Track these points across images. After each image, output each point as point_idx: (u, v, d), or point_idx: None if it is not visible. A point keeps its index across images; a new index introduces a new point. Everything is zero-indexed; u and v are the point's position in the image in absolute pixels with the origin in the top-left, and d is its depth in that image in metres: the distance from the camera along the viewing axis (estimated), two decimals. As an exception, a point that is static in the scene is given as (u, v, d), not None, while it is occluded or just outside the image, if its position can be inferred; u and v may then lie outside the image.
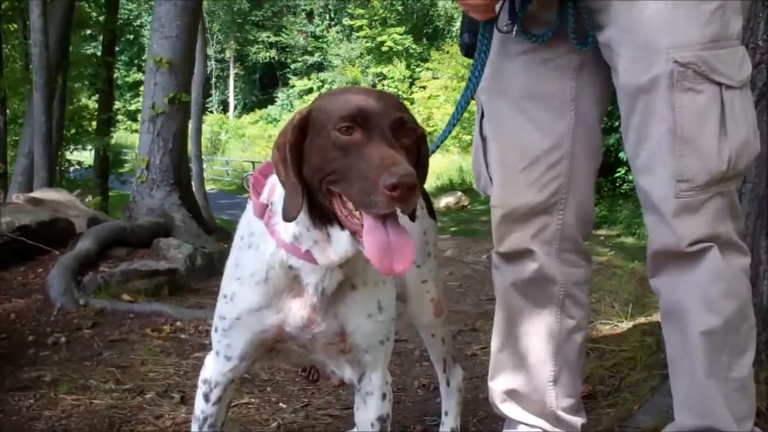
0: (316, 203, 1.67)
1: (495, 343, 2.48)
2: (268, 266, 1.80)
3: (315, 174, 1.63)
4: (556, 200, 2.31)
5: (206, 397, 2.01)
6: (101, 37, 20.14)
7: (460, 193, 21.46)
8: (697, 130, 2.01)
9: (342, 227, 1.64)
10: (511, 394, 2.43)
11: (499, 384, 2.46)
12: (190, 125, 11.63)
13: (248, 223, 1.88)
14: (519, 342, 2.42)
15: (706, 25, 1.99)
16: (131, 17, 39.21)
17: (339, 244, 1.69)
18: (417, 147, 1.69)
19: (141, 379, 3.46)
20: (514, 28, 2.19)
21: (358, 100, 1.63)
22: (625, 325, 3.92)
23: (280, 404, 3.20)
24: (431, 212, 2.43)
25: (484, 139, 2.39)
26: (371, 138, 1.58)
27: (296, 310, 1.83)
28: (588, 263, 2.45)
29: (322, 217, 1.68)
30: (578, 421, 2.45)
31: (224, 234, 8.93)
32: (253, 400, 3.22)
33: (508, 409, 2.46)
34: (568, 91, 2.27)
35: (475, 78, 2.25)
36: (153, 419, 2.99)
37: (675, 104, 2.01)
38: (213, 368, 1.99)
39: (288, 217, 1.66)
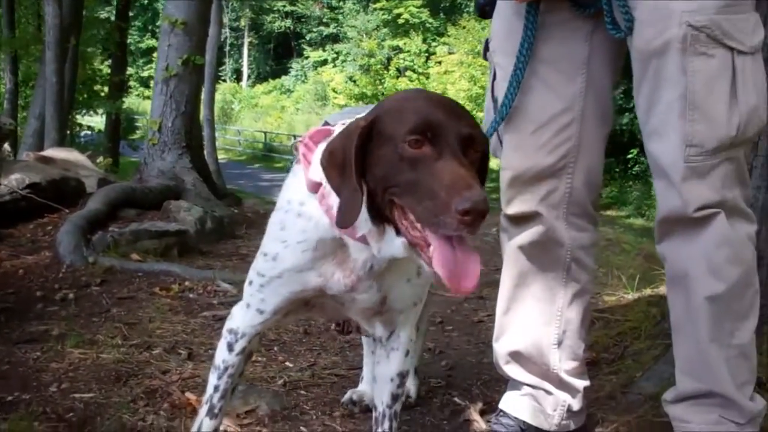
0: (375, 204, 1.64)
1: (500, 305, 2.49)
2: (318, 239, 1.81)
3: (378, 184, 1.60)
4: (565, 164, 2.31)
5: (230, 347, 2.03)
6: (115, 1, 20.12)
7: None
8: (708, 95, 2.00)
9: (398, 233, 1.62)
10: (515, 356, 2.45)
11: (503, 346, 2.48)
12: (203, 89, 11.61)
13: (297, 189, 1.85)
14: (524, 304, 2.43)
15: None
16: (146, -17, 39.12)
17: (391, 245, 1.67)
18: (483, 160, 1.68)
19: (148, 336, 3.49)
20: None
21: (428, 112, 1.58)
22: (631, 296, 3.93)
23: (287, 363, 3.23)
24: None
25: (495, 101, 2.38)
26: (441, 154, 1.54)
27: (339, 277, 1.84)
28: (595, 227, 2.46)
29: (380, 217, 1.66)
30: (581, 383, 2.46)
31: (234, 199, 8.96)
32: (260, 358, 3.25)
33: (512, 370, 2.47)
34: (581, 54, 2.27)
35: (521, 65, 2.24)
36: (160, 374, 3.02)
37: (687, 68, 2.00)
38: (242, 319, 2.01)
39: (344, 224, 1.64)
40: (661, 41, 2.04)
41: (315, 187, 1.78)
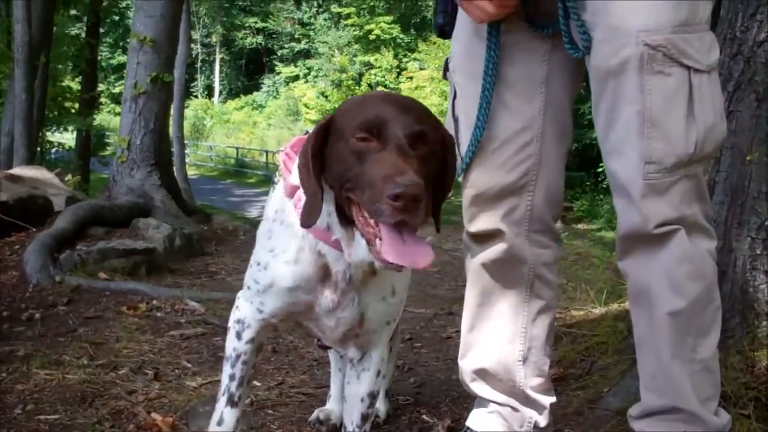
0: (339, 205, 1.69)
1: (465, 322, 2.50)
2: (298, 247, 1.86)
3: (335, 180, 1.66)
4: (526, 181, 2.32)
5: (239, 336, 2.04)
6: (86, 18, 20.00)
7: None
8: (665, 113, 2.03)
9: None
10: (481, 374, 2.45)
11: (469, 363, 2.48)
12: (173, 106, 11.58)
13: (281, 198, 1.91)
14: (488, 321, 2.44)
15: (676, 9, 2.00)
16: (117, -1, 38.90)
17: (359, 248, 1.71)
18: (443, 157, 1.71)
19: (115, 356, 3.46)
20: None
21: (378, 109, 1.64)
22: (599, 311, 3.95)
23: (255, 382, 3.21)
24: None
25: (456, 120, 2.39)
26: (385, 147, 1.58)
27: (327, 293, 1.88)
28: (557, 244, 2.47)
29: (347, 219, 1.70)
30: (547, 399, 2.47)
31: (204, 216, 8.91)
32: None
33: (478, 387, 2.48)
34: (539, 74, 2.29)
35: (488, 85, 2.25)
36: (126, 394, 2.99)
37: (644, 87, 2.03)
38: (247, 311, 2.03)
39: (306, 223, 1.70)
40: (618, 60, 2.06)
41: (292, 192, 1.84)
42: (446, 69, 2.47)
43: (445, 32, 2.47)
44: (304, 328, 2.13)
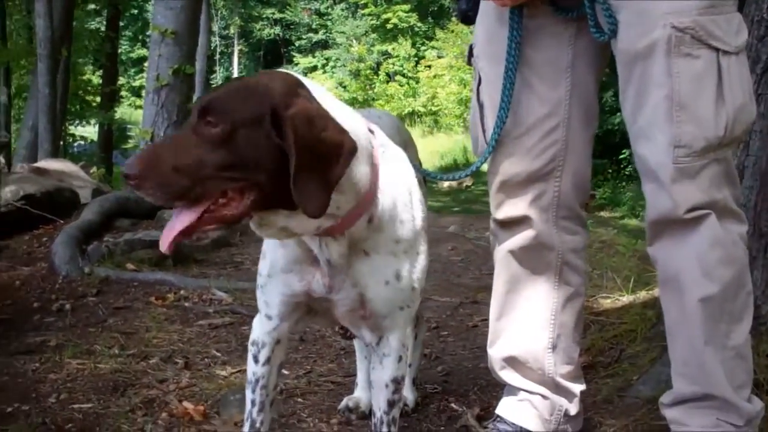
0: None
1: (493, 310, 2.50)
2: None
3: None
4: (553, 167, 2.32)
5: (255, 359, 2.06)
6: (105, 12, 20.11)
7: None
8: (694, 96, 2.02)
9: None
10: (510, 361, 2.46)
11: (498, 351, 2.49)
12: (194, 98, 11.62)
13: None
14: (517, 309, 2.44)
15: None
16: (136, -8, 39.04)
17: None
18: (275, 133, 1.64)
19: (145, 345, 3.50)
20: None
21: None
22: (626, 299, 3.93)
23: (283, 371, 3.21)
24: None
25: (481, 105, 2.39)
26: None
27: (319, 277, 1.89)
28: (585, 230, 2.47)
29: None
30: (577, 387, 2.47)
31: (228, 208, 8.93)
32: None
33: (508, 375, 2.48)
34: (565, 58, 2.28)
35: (511, 66, 2.24)
36: (157, 383, 3.03)
37: (672, 70, 2.02)
38: (258, 329, 2.06)
39: None
40: (646, 43, 2.05)
41: None
42: (470, 55, 2.46)
43: (469, 18, 2.46)
44: (321, 319, 2.15)
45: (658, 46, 2.03)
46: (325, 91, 1.79)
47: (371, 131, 1.86)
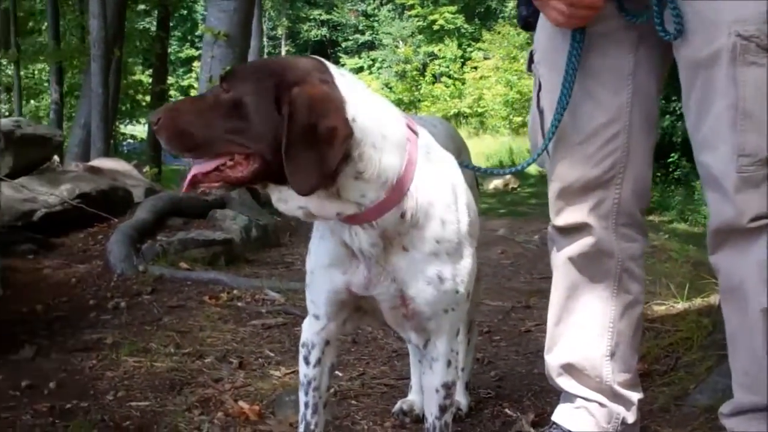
0: None
1: (551, 316, 2.49)
2: (325, 225, 1.92)
3: None
4: (613, 174, 2.30)
5: (306, 360, 2.08)
6: (156, 12, 20.38)
7: (509, 175, 21.18)
8: (759, 104, 1.99)
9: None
10: (568, 368, 2.44)
11: (555, 358, 2.47)
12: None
13: None
14: (575, 316, 2.42)
15: None
16: (185, -7, 39.51)
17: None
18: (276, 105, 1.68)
19: (200, 344, 3.55)
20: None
21: None
22: (681, 306, 3.89)
23: (337, 372, 3.25)
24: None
25: (541, 112, 2.39)
26: None
27: (358, 271, 1.90)
28: (644, 237, 2.46)
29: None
30: (635, 395, 2.45)
31: (277, 208, 9.00)
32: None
33: (565, 382, 2.46)
34: (626, 66, 2.26)
35: (571, 70, 2.23)
36: (212, 382, 3.07)
37: (738, 78, 1.99)
38: (308, 330, 2.08)
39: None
40: (710, 51, 2.03)
41: None
42: (530, 61, 2.46)
43: (530, 24, 2.46)
44: (371, 319, 2.16)
45: (722, 54, 2.01)
46: (355, 81, 1.79)
47: (414, 131, 1.85)
